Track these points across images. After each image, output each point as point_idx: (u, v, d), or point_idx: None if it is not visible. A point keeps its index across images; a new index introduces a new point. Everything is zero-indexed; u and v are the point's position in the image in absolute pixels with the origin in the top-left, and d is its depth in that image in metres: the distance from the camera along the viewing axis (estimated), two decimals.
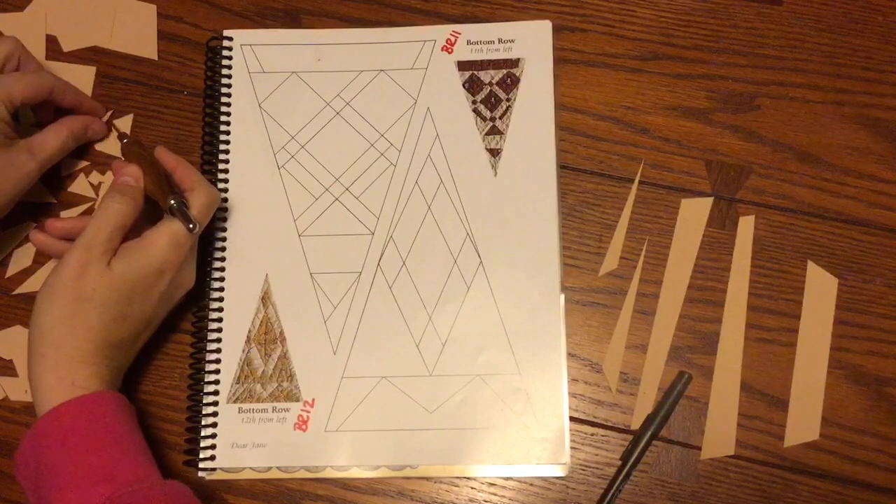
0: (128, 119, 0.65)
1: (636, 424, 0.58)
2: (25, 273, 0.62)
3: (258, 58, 0.65)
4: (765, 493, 0.57)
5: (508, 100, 0.64)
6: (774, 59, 0.64)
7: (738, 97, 0.64)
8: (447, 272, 0.61)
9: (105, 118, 0.64)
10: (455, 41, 0.65)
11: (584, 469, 0.58)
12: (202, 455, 0.58)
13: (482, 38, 0.65)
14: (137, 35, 0.66)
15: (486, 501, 0.58)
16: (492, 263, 0.61)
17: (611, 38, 0.65)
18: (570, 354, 0.60)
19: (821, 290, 0.60)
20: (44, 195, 0.63)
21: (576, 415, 0.59)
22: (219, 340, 0.60)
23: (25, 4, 0.67)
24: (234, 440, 0.58)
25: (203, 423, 0.58)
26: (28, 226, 0.62)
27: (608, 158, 0.63)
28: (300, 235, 0.62)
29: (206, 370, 0.59)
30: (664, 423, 0.58)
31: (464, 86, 0.64)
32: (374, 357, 0.60)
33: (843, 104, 0.63)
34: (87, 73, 0.65)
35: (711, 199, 0.62)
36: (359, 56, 0.65)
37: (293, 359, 0.60)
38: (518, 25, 0.65)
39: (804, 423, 0.58)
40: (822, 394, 0.58)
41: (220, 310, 0.60)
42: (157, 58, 0.66)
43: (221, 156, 0.63)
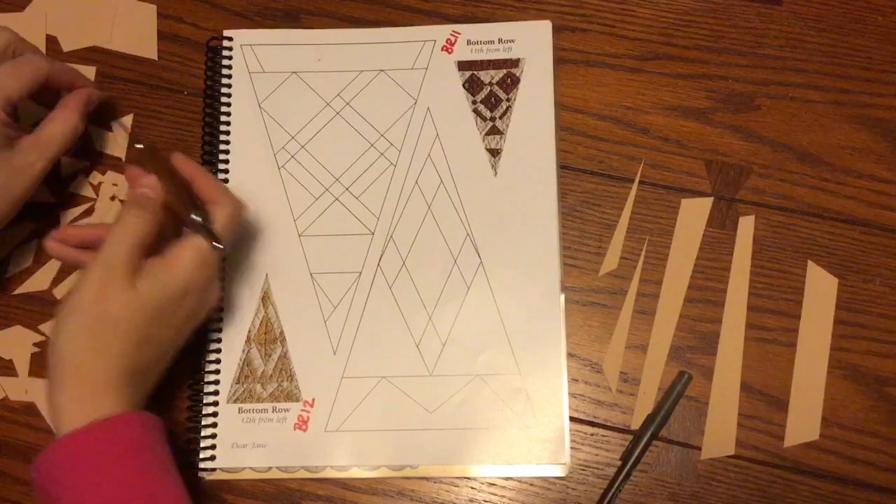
0: (128, 119, 0.65)
1: (636, 424, 0.58)
2: (25, 273, 0.62)
3: (258, 58, 0.65)
4: (765, 493, 0.57)
5: (508, 100, 0.64)
6: (774, 59, 0.64)
7: (738, 97, 0.64)
8: (447, 272, 0.61)
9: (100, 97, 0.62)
10: (455, 41, 0.65)
11: (584, 469, 0.58)
12: (202, 455, 0.58)
13: (482, 38, 0.65)
14: (137, 35, 0.66)
15: (486, 501, 0.58)
16: (492, 263, 0.61)
17: (611, 38, 0.65)
18: (570, 354, 0.60)
19: (821, 290, 0.60)
20: (43, 195, 0.63)
21: (576, 415, 0.59)
22: (219, 340, 0.60)
23: (25, 4, 0.67)
24: (234, 440, 0.58)
25: (203, 423, 0.58)
26: (27, 225, 0.62)
27: (608, 158, 0.63)
28: (300, 235, 0.62)
29: (206, 370, 0.59)
30: (664, 423, 0.58)
31: (464, 86, 0.64)
32: (374, 357, 0.60)
33: (843, 104, 0.63)
34: (87, 74, 0.65)
35: (711, 199, 0.62)
36: (359, 56, 0.65)
37: (293, 359, 0.60)
38: (518, 25, 0.65)
39: (804, 423, 0.58)
40: (822, 394, 0.58)
41: (221, 309, 0.60)
42: (157, 58, 0.66)
43: (221, 156, 0.63)
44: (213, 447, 0.58)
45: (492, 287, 0.60)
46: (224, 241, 0.53)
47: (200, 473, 0.58)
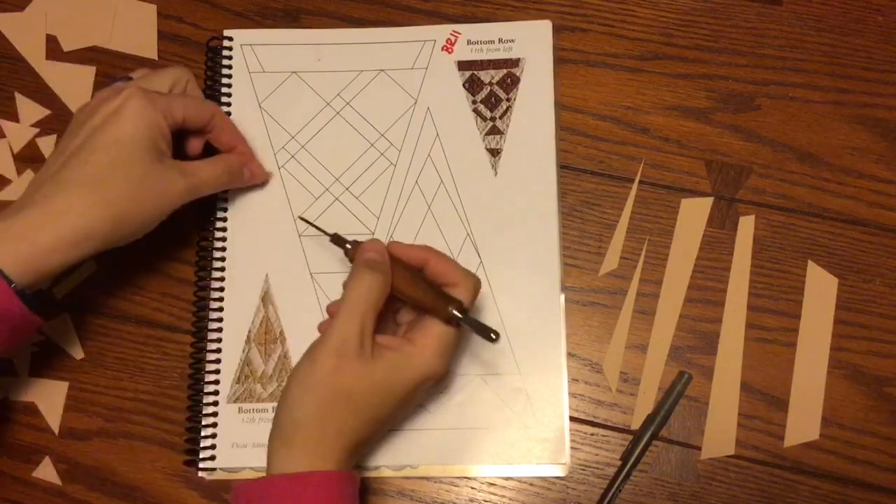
0: None
1: (636, 424, 0.58)
2: None
3: (258, 58, 0.65)
4: (765, 493, 0.57)
5: (508, 100, 0.64)
6: (774, 59, 0.64)
7: (738, 97, 0.64)
8: None
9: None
10: (455, 41, 0.65)
11: (584, 469, 0.58)
12: (202, 455, 0.58)
13: (482, 38, 0.65)
14: (137, 35, 0.66)
15: (486, 501, 0.58)
16: (492, 263, 0.61)
17: (611, 38, 0.65)
18: (570, 354, 0.60)
19: (821, 290, 0.60)
20: None
21: (576, 415, 0.59)
22: (219, 340, 0.60)
23: (25, 4, 0.67)
24: (235, 440, 0.58)
25: (203, 423, 0.58)
26: None
27: (608, 158, 0.63)
28: (300, 235, 0.62)
29: (206, 370, 0.59)
30: (664, 423, 0.58)
31: (464, 86, 0.64)
32: None
33: (843, 104, 0.63)
34: (87, 73, 0.65)
35: (711, 199, 0.62)
36: (359, 56, 0.65)
37: (293, 359, 0.60)
38: (518, 25, 0.65)
39: (804, 423, 0.58)
40: (822, 394, 0.58)
41: (221, 310, 0.60)
42: (157, 58, 0.66)
43: None
44: (214, 447, 0.58)
45: (492, 287, 0.60)
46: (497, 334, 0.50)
47: (200, 473, 0.58)
